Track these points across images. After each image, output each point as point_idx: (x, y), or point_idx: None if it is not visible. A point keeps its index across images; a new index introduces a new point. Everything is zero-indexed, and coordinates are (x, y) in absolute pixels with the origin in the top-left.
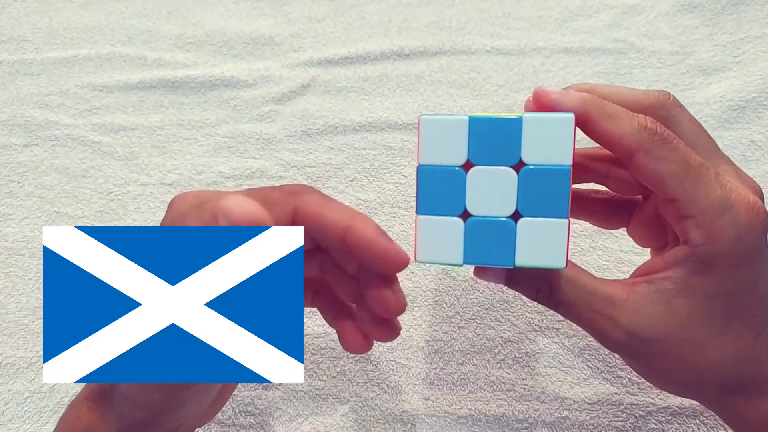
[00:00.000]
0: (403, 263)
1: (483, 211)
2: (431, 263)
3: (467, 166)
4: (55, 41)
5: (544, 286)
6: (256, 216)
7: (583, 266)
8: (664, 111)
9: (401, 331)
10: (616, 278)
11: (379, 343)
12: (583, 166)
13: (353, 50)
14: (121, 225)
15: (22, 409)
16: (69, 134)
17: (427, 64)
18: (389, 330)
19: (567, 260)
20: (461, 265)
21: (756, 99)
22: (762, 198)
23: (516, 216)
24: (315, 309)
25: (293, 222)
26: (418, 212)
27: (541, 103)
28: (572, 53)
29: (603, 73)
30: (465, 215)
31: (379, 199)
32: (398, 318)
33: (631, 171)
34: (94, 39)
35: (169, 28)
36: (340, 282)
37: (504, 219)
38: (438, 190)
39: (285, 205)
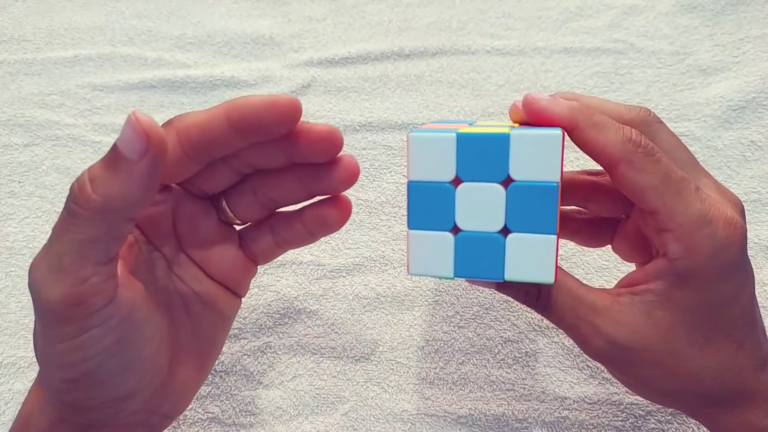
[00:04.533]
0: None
1: (472, 226)
2: (423, 275)
3: (456, 182)
4: (55, 41)
5: (532, 289)
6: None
7: (583, 265)
8: (645, 126)
9: (402, 332)
10: (619, 276)
11: (379, 342)
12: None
13: (353, 50)
14: None
15: None
16: (70, 134)
17: (427, 64)
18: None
19: (556, 275)
20: (452, 278)
21: (756, 99)
22: (742, 212)
23: (505, 231)
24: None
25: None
26: (409, 227)
27: (530, 110)
28: (572, 53)
29: (603, 73)
30: (455, 230)
31: (379, 199)
32: (399, 318)
33: (614, 181)
34: (94, 39)
35: (169, 28)
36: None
37: (493, 234)
38: (428, 205)
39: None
